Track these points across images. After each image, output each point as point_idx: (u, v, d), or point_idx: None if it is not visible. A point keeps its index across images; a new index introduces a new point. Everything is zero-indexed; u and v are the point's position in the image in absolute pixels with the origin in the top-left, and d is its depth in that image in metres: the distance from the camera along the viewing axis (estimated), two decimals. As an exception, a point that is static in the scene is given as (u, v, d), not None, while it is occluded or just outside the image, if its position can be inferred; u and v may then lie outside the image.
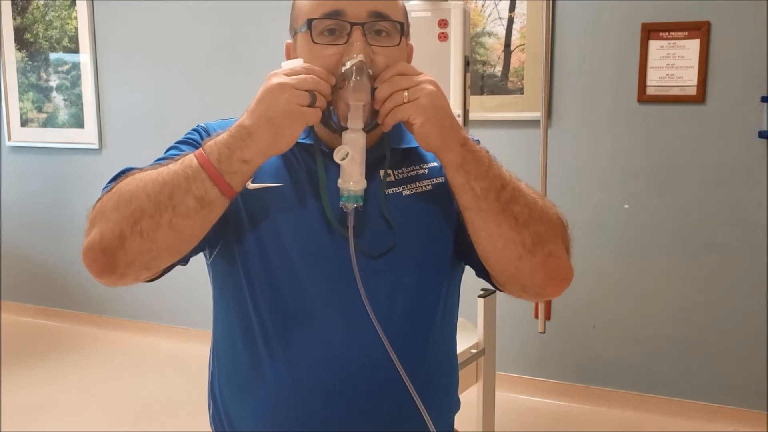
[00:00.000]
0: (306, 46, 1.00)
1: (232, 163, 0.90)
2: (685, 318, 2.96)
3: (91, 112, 3.99)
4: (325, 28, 0.98)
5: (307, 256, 1.02)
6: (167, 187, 0.90)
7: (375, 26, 0.98)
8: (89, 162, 4.06)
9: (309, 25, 0.97)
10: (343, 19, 0.97)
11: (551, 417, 3.04)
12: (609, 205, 3.01)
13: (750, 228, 2.83)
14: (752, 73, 2.74)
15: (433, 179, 1.10)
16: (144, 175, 0.94)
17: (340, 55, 0.97)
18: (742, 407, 2.90)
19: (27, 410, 3.12)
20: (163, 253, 0.94)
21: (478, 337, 2.16)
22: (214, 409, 1.12)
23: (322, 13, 0.97)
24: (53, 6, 4.02)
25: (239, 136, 0.90)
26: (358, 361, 1.00)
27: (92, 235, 0.94)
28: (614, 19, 2.91)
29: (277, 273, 1.02)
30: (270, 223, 1.02)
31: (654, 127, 2.91)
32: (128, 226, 0.91)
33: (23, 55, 4.17)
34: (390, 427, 1.02)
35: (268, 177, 1.04)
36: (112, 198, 0.95)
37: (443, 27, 2.02)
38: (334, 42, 0.98)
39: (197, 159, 0.91)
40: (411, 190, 1.08)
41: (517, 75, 3.08)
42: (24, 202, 4.30)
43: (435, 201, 1.08)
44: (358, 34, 0.96)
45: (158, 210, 0.90)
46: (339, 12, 0.96)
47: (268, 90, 0.90)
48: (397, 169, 1.09)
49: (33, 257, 4.33)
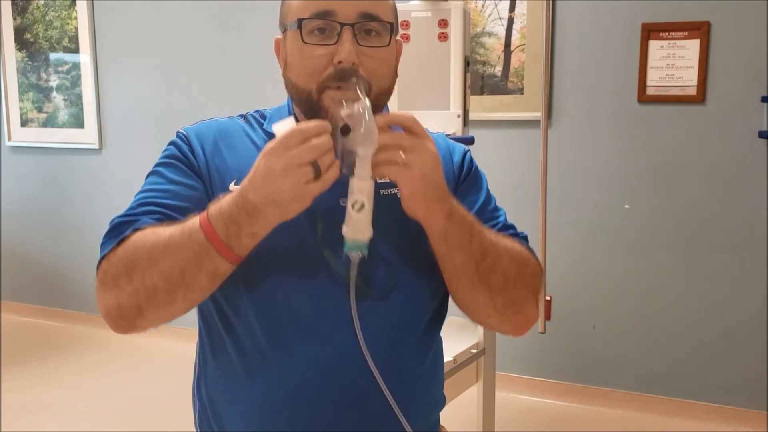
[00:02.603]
0: (296, 45, 0.99)
1: (241, 238, 0.89)
2: (685, 318, 2.96)
3: (91, 112, 4.00)
4: (314, 28, 0.97)
5: (296, 262, 1.01)
6: (177, 266, 0.90)
7: (365, 26, 0.98)
8: (89, 162, 4.06)
9: (299, 24, 0.97)
10: (333, 20, 0.96)
11: (551, 417, 3.04)
12: (609, 205, 3.01)
13: (750, 228, 2.83)
14: (752, 73, 2.74)
15: None
16: (151, 245, 0.93)
17: (330, 56, 0.97)
18: (742, 407, 2.90)
19: (27, 410, 3.12)
20: (181, 314, 0.98)
21: (478, 337, 2.16)
22: (200, 409, 1.12)
23: (312, 12, 0.97)
24: (53, 6, 4.02)
25: (245, 211, 0.88)
26: (342, 364, 1.00)
27: (109, 302, 0.97)
28: (614, 19, 2.91)
29: (266, 279, 1.01)
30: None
31: (654, 127, 2.91)
32: (144, 300, 0.93)
33: (23, 55, 4.17)
34: (373, 428, 1.02)
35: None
36: (121, 266, 0.95)
37: (443, 27, 2.02)
38: (324, 42, 0.97)
39: (204, 232, 0.89)
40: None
41: (517, 75, 3.08)
42: (24, 202, 4.30)
43: None
44: (348, 35, 0.96)
45: (172, 288, 0.92)
46: (329, 12, 0.96)
47: (269, 173, 0.85)
48: None
49: (33, 257, 4.33)
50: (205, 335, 1.12)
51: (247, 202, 0.87)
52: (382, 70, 1.01)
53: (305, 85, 1.00)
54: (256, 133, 1.10)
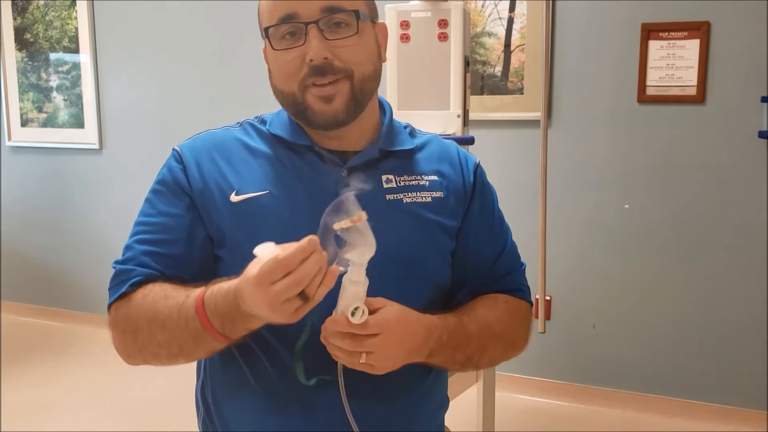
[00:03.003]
0: (274, 56, 1.01)
1: (236, 331, 0.92)
2: (685, 318, 2.96)
3: (91, 112, 3.99)
4: (284, 33, 0.99)
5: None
6: (176, 343, 0.95)
7: (331, 20, 0.98)
8: (89, 162, 4.06)
9: (267, 33, 0.99)
10: (297, 21, 0.97)
11: (551, 417, 3.04)
12: (609, 205, 3.01)
13: (750, 228, 2.83)
14: (752, 73, 2.74)
15: (433, 192, 1.09)
16: (150, 318, 0.96)
17: (302, 56, 0.98)
18: (742, 407, 2.90)
19: (27, 410, 3.12)
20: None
21: (478, 337, 2.16)
22: (205, 413, 1.13)
23: (277, 18, 0.98)
24: (53, 6, 4.02)
25: (240, 315, 0.89)
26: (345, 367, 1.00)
27: (118, 346, 1.03)
28: (614, 19, 2.91)
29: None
30: (256, 236, 0.96)
31: (654, 127, 2.91)
32: (149, 358, 1.01)
33: (23, 55, 4.17)
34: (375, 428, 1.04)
35: (252, 185, 1.04)
36: (126, 326, 1.00)
37: (443, 27, 2.02)
38: (294, 45, 0.98)
39: (200, 322, 0.91)
40: (411, 198, 1.07)
41: (517, 75, 3.08)
42: (24, 202, 4.30)
43: (435, 215, 1.08)
44: (314, 32, 0.97)
45: (172, 355, 0.98)
46: (292, 15, 0.97)
47: (255, 305, 0.85)
48: (399, 176, 1.08)
49: (33, 257, 4.33)
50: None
51: (241, 309, 0.88)
52: (358, 57, 1.01)
53: (287, 88, 1.01)
54: (254, 140, 1.10)
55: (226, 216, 1.03)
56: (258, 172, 1.05)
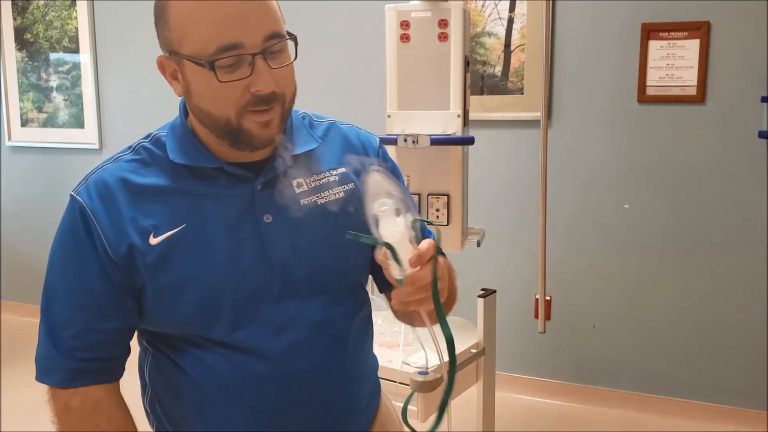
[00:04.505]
0: (207, 81, 0.95)
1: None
2: (685, 318, 2.96)
3: (91, 112, 4.00)
4: (227, 63, 0.93)
5: (232, 288, 1.02)
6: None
7: (273, 48, 0.96)
8: (89, 162, 4.04)
9: (212, 66, 0.93)
10: (243, 52, 0.93)
11: (551, 417, 3.04)
12: (609, 205, 3.01)
13: (750, 228, 2.83)
14: (752, 73, 2.74)
15: (344, 186, 1.09)
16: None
17: (245, 85, 0.95)
18: (742, 407, 2.90)
19: (27, 410, 3.12)
20: None
21: (478, 337, 2.16)
22: (158, 424, 1.16)
23: (218, 47, 0.92)
24: (53, 6, 4.02)
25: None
26: (289, 360, 1.04)
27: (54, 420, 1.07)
28: (614, 19, 2.91)
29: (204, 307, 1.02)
30: (180, 272, 1.01)
31: (654, 127, 2.91)
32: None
33: (23, 55, 4.17)
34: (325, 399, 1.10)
35: (166, 222, 1.01)
36: (66, 420, 1.05)
37: (443, 27, 2.02)
38: (239, 77, 0.94)
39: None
40: (324, 198, 1.07)
41: (517, 75, 3.08)
42: (24, 202, 4.30)
43: (348, 207, 1.07)
44: (261, 63, 0.94)
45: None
46: (236, 45, 0.92)
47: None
48: (308, 177, 1.07)
49: (33, 257, 4.33)
50: (152, 360, 1.16)
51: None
52: (291, 82, 1.01)
53: (221, 113, 0.97)
54: (153, 171, 1.05)
55: (149, 259, 1.00)
56: (167, 208, 1.01)
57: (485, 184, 3.04)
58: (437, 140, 2.01)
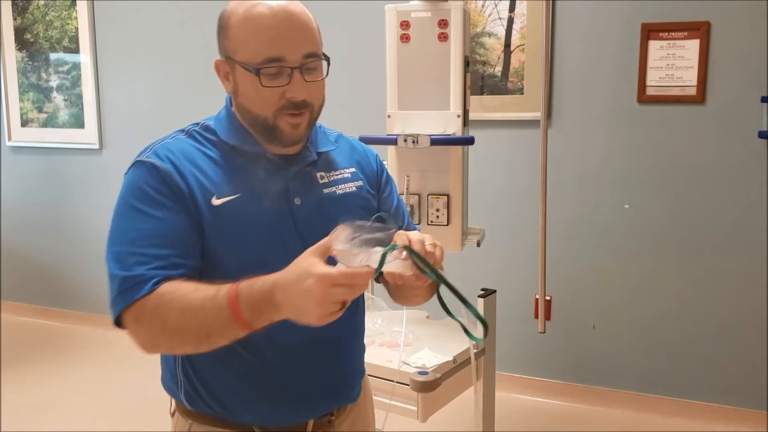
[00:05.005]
0: (252, 85, 1.16)
1: (261, 321, 1.05)
2: (685, 318, 2.96)
3: (91, 112, 4.00)
4: (271, 72, 1.15)
5: (272, 255, 1.15)
6: (205, 330, 1.07)
7: (309, 65, 1.17)
8: (89, 162, 4.06)
9: (258, 72, 1.14)
10: (284, 65, 1.14)
11: (551, 417, 3.04)
12: (609, 205, 3.01)
13: (750, 228, 2.83)
14: (752, 73, 2.75)
15: (355, 182, 1.32)
16: (183, 308, 1.07)
17: (283, 91, 1.16)
18: (742, 407, 2.90)
19: (27, 410, 3.12)
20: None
21: (478, 337, 2.15)
22: (190, 388, 1.24)
23: (265, 58, 1.14)
24: (53, 6, 4.02)
25: (270, 304, 1.02)
26: (317, 330, 1.14)
27: (144, 339, 1.12)
28: (614, 19, 2.91)
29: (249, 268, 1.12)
30: (236, 237, 1.17)
31: (654, 127, 2.91)
32: (176, 347, 1.14)
33: (23, 55, 4.17)
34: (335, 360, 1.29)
35: (224, 189, 1.18)
36: (155, 319, 1.09)
37: (443, 27, 2.02)
38: (278, 84, 1.15)
39: (231, 312, 1.04)
40: (342, 190, 1.29)
41: (517, 75, 3.08)
42: (24, 202, 4.30)
43: (359, 200, 1.31)
44: (297, 75, 1.15)
45: (199, 343, 1.10)
46: (280, 58, 1.14)
47: (307, 294, 0.98)
48: (328, 172, 1.29)
49: (33, 257, 4.33)
50: None
51: (274, 298, 1.02)
52: (321, 94, 1.22)
53: (261, 112, 1.18)
54: (208, 148, 1.22)
55: (209, 219, 1.16)
56: (224, 178, 1.19)
57: (485, 184, 3.04)
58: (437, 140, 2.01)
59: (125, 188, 1.18)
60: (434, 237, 1.11)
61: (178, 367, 1.26)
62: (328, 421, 1.29)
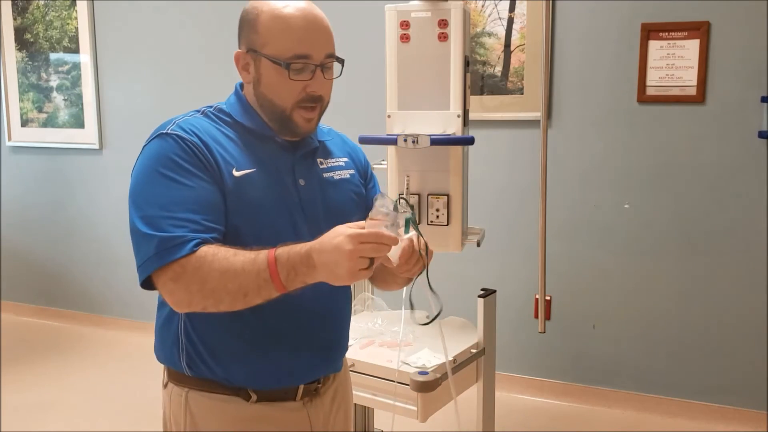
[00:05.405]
0: (279, 77, 1.27)
1: (295, 283, 1.15)
2: (684, 318, 2.96)
3: (91, 112, 4.00)
4: (297, 67, 1.26)
5: (283, 228, 1.28)
6: (243, 291, 1.15)
7: (328, 64, 1.30)
8: (89, 162, 4.06)
9: (288, 66, 1.25)
10: (310, 62, 1.27)
11: (551, 417, 3.04)
12: (609, 205, 3.01)
13: (750, 228, 2.83)
14: (752, 73, 2.75)
15: (349, 170, 1.44)
16: (223, 269, 1.15)
17: (304, 85, 1.27)
18: (742, 407, 2.90)
19: (27, 410, 3.12)
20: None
21: (478, 337, 2.16)
22: (193, 352, 1.30)
23: (294, 54, 1.25)
24: (53, 6, 4.02)
25: (306, 265, 1.13)
26: (318, 301, 1.32)
27: (179, 297, 1.18)
28: (614, 19, 2.91)
29: (261, 239, 1.23)
30: (252, 207, 1.27)
31: (654, 127, 2.91)
32: (211, 305, 1.18)
33: (23, 55, 4.17)
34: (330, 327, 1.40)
35: (242, 163, 1.28)
36: (195, 278, 1.16)
37: (443, 27, 2.02)
38: (303, 78, 1.27)
39: (270, 272, 1.14)
40: (339, 175, 1.41)
41: (517, 75, 3.08)
42: (24, 202, 4.30)
43: (353, 186, 1.43)
44: (320, 72, 1.28)
45: (234, 302, 1.17)
46: (307, 55, 1.26)
47: (339, 250, 1.09)
48: (326, 159, 1.41)
49: (33, 257, 4.33)
50: None
51: (310, 259, 1.12)
52: (330, 91, 1.33)
53: (281, 102, 1.28)
54: (223, 127, 1.32)
55: (231, 188, 1.24)
56: (241, 153, 1.28)
57: (485, 184, 3.04)
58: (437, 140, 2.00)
59: (150, 158, 1.25)
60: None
61: (181, 332, 1.31)
62: (315, 388, 1.38)
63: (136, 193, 1.24)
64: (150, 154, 1.26)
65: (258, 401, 1.31)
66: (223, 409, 1.31)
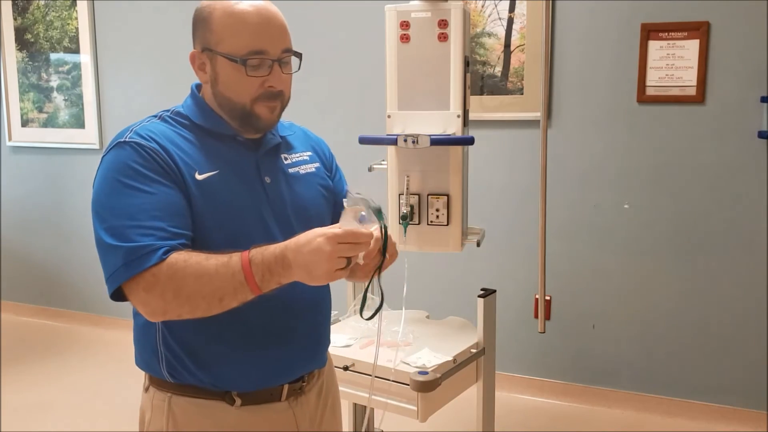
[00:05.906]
0: (236, 74, 1.25)
1: (271, 284, 1.15)
2: (685, 318, 2.96)
3: (92, 112, 4.00)
4: (254, 63, 1.25)
5: (251, 228, 1.28)
6: (218, 294, 1.14)
7: (285, 59, 1.28)
8: (89, 162, 4.06)
9: (244, 62, 1.24)
10: (267, 57, 1.25)
11: (551, 417, 3.04)
12: (609, 205, 3.02)
13: (750, 228, 2.83)
14: (752, 73, 2.75)
15: (314, 164, 1.44)
16: (198, 274, 1.14)
17: (262, 80, 1.26)
18: (742, 407, 2.91)
19: (27, 410, 3.12)
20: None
21: (478, 337, 2.16)
22: (174, 361, 1.28)
23: (250, 50, 1.24)
24: (54, 6, 4.02)
25: (281, 265, 1.12)
26: (296, 295, 1.30)
27: (154, 306, 1.17)
28: (614, 19, 2.91)
29: (230, 241, 1.23)
30: (216, 209, 1.25)
31: (654, 127, 2.91)
32: (186, 312, 1.17)
33: (24, 55, 4.17)
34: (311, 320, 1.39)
35: (204, 166, 1.27)
36: (168, 285, 1.14)
37: (443, 27, 2.02)
38: (260, 74, 1.26)
39: (244, 275, 1.13)
40: (304, 170, 1.41)
41: (517, 75, 3.08)
42: (24, 202, 4.30)
43: (319, 179, 1.43)
44: (277, 67, 1.26)
45: (210, 308, 1.16)
46: (262, 51, 1.25)
47: (317, 251, 1.09)
48: (290, 154, 1.41)
49: (33, 257, 4.33)
50: None
51: (286, 259, 1.12)
52: (290, 86, 1.32)
53: (239, 99, 1.27)
54: (181, 131, 1.30)
55: (195, 192, 1.23)
56: (202, 156, 1.27)
57: (485, 184, 3.04)
58: (437, 140, 2.01)
59: (109, 168, 1.24)
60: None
61: (159, 342, 1.30)
62: (299, 387, 1.37)
63: (99, 205, 1.25)
64: (109, 165, 1.24)
65: (243, 404, 1.30)
66: (207, 414, 1.30)
